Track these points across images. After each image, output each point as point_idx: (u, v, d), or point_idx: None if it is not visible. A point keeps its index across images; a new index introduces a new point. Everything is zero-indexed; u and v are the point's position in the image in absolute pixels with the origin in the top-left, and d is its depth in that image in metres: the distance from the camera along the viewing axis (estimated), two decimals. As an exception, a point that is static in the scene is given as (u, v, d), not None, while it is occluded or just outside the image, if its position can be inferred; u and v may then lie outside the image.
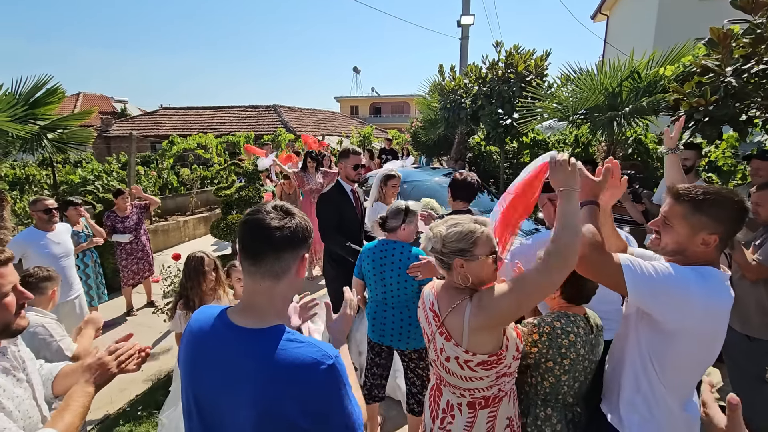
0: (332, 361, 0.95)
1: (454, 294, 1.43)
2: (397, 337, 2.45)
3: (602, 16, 16.48)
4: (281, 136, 13.87)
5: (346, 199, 3.22)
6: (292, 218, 1.02)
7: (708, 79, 3.19)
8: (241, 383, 0.95)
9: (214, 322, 1.05)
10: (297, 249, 1.02)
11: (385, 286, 2.46)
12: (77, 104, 23.18)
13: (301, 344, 0.97)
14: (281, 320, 1.04)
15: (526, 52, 6.66)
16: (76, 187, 7.03)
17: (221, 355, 1.00)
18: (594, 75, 4.43)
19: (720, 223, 1.28)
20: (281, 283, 1.02)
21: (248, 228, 1.00)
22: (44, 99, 5.04)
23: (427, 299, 1.53)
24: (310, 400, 0.93)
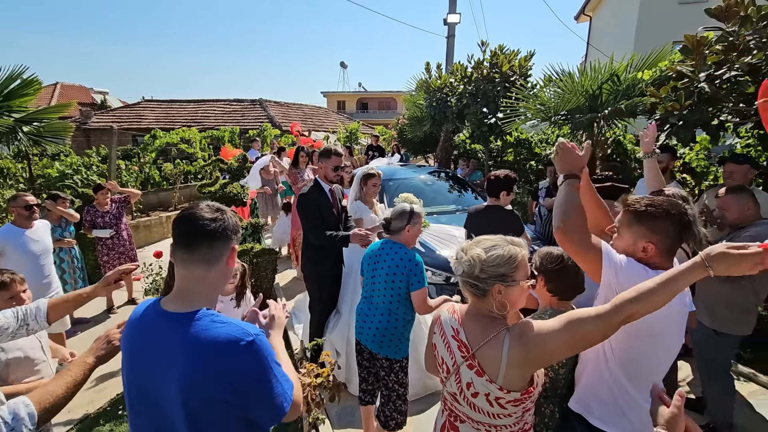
0: (252, 338, 1.03)
1: (488, 324, 1.30)
2: (371, 338, 2.40)
3: (585, 17, 16.72)
4: (267, 131, 13.73)
5: (324, 198, 3.20)
6: (223, 213, 1.14)
7: (682, 84, 3.30)
8: (169, 364, 1.03)
9: (147, 311, 1.14)
10: (228, 240, 1.13)
11: (375, 284, 2.43)
12: (54, 95, 22.44)
13: (223, 324, 1.05)
14: (209, 305, 1.12)
15: (511, 53, 6.75)
16: (54, 181, 6.85)
17: (153, 342, 1.08)
18: (575, 77, 4.53)
19: (655, 234, 1.40)
20: (213, 270, 1.11)
21: (184, 220, 1.10)
22: (19, 91, 4.91)
23: (447, 326, 1.39)
24: (231, 375, 1.00)
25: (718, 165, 4.09)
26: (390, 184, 5.46)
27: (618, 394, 1.46)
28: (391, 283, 2.34)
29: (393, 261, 2.35)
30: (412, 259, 2.32)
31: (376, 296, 2.43)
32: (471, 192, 5.92)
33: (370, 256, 2.48)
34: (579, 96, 4.45)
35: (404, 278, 2.31)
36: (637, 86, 4.09)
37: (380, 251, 2.43)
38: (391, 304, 2.37)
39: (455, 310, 1.43)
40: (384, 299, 2.39)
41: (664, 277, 1.12)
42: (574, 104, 4.50)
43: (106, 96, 27.55)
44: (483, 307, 1.35)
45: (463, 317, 1.38)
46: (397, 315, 2.37)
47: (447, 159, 8.91)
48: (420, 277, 2.30)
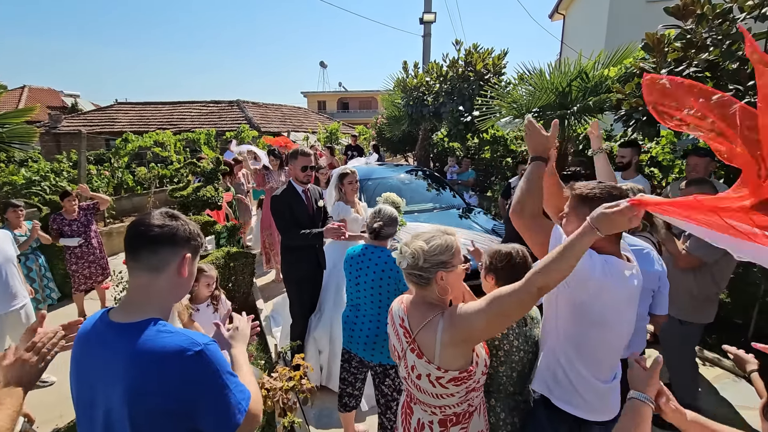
0: (200, 348, 1.00)
1: (426, 310, 1.40)
2: (362, 346, 2.36)
3: (559, 16, 17.01)
4: (244, 133, 13.53)
5: (297, 199, 3.18)
6: (173, 220, 1.11)
7: (645, 80, 3.40)
8: (115, 376, 1.00)
9: (95, 322, 1.11)
10: (176, 247, 1.09)
11: (360, 292, 2.37)
12: (22, 98, 21.62)
13: (170, 334, 1.02)
14: (159, 315, 1.08)
15: (485, 51, 6.84)
16: (20, 188, 6.60)
17: (98, 353, 1.05)
18: (545, 74, 4.61)
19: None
20: (160, 278, 1.08)
21: (131, 227, 1.09)
22: (-21, 95, 4.71)
23: (396, 315, 1.50)
24: (178, 385, 0.98)
25: (681, 158, 4.23)
26: (369, 184, 5.47)
27: (570, 373, 1.51)
28: (378, 288, 2.29)
29: (378, 266, 2.29)
30: None
31: (363, 303, 2.37)
32: (449, 191, 5.97)
33: (352, 263, 2.41)
34: (549, 93, 4.54)
35: (392, 282, 2.27)
36: (604, 83, 4.19)
37: (362, 257, 2.37)
38: (380, 309, 2.32)
39: (403, 300, 1.53)
40: (372, 305, 2.33)
41: (562, 245, 1.19)
42: (545, 101, 4.58)
43: (77, 99, 26.68)
44: (426, 295, 1.44)
45: (408, 306, 1.47)
46: (386, 320, 2.31)
47: (426, 157, 8.97)
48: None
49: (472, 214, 5.28)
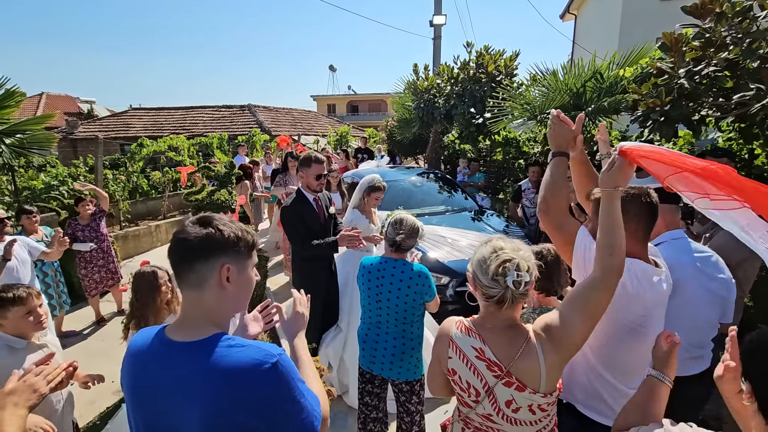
0: (275, 359, 0.96)
1: (513, 335, 1.24)
2: (388, 365, 2.23)
3: (570, 16, 16.88)
4: (256, 137, 13.67)
5: (308, 208, 3.04)
6: (204, 228, 1.02)
7: (663, 80, 3.34)
8: (187, 397, 0.95)
9: (151, 342, 1.05)
10: (210, 258, 1.01)
11: (381, 309, 2.24)
12: (40, 105, 22.18)
13: (242, 348, 0.97)
14: (220, 329, 1.04)
15: (496, 53, 6.80)
16: (39, 193, 6.75)
17: (163, 374, 0.99)
18: (559, 75, 4.57)
19: None
20: (204, 294, 1.02)
21: (173, 243, 1.03)
22: (1, 102, 4.83)
23: (467, 346, 1.27)
24: (257, 402, 0.94)
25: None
26: (379, 187, 5.47)
27: (596, 381, 1.48)
28: (404, 304, 2.18)
29: (402, 282, 2.17)
30: (422, 274, 2.18)
31: (385, 320, 2.24)
32: (461, 193, 5.94)
33: (370, 276, 2.27)
34: (563, 94, 4.49)
35: (417, 296, 2.17)
36: (620, 83, 4.14)
37: (382, 271, 2.23)
38: (404, 325, 2.21)
39: (465, 325, 1.32)
40: (396, 322, 2.21)
41: (602, 223, 1.25)
42: (559, 102, 4.53)
43: (93, 105, 27.29)
44: (510, 317, 1.27)
45: (484, 334, 1.26)
46: (411, 335, 2.23)
47: (437, 160, 8.95)
48: (433, 286, 2.21)
49: (484, 216, 5.24)
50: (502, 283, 1.21)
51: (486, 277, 1.24)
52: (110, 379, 3.72)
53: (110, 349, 4.24)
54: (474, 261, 1.30)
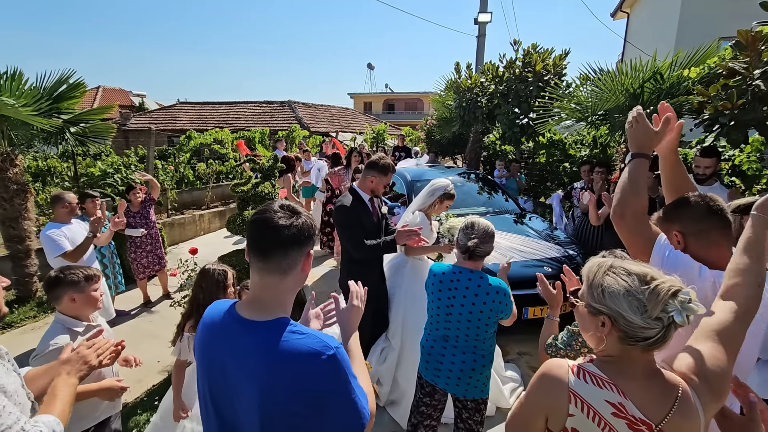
0: (333, 352, 0.98)
1: (661, 383, 0.98)
2: (454, 381, 2.09)
3: (623, 14, 16.12)
4: (295, 132, 13.95)
5: (364, 208, 2.94)
6: (298, 217, 1.06)
7: (735, 81, 3.11)
8: (247, 373, 0.99)
9: (223, 316, 1.10)
10: (303, 246, 1.06)
11: (450, 322, 2.08)
12: (97, 98, 23.60)
13: (302, 335, 1.00)
14: (285, 313, 1.08)
15: (545, 51, 6.58)
16: (96, 179, 7.18)
17: (230, 349, 1.04)
18: (615, 75, 4.35)
19: (677, 221, 1.43)
20: (287, 278, 1.06)
21: (257, 226, 1.04)
22: (67, 93, 5.15)
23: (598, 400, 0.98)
24: (312, 390, 0.96)
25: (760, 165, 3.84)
26: (418, 186, 5.43)
27: None
28: (477, 321, 2.02)
29: (478, 297, 2.00)
30: (500, 290, 2.00)
31: (454, 334, 2.09)
32: (501, 194, 5.80)
33: (441, 286, 2.11)
34: (618, 95, 4.27)
35: (492, 313, 2.01)
36: (682, 84, 3.89)
37: (455, 282, 2.07)
38: (476, 341, 2.06)
39: (589, 372, 1.01)
40: (467, 338, 2.06)
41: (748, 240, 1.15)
42: (613, 103, 4.32)
43: (144, 99, 28.75)
44: (644, 360, 1.01)
45: (619, 383, 0.98)
46: (482, 352, 2.09)
47: (476, 160, 8.78)
48: (510, 301, 2.04)
49: (526, 218, 5.09)
50: (665, 320, 0.94)
51: (642, 315, 0.95)
52: (155, 359, 3.92)
53: (157, 330, 4.45)
54: (610, 295, 1.00)
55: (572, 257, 4.11)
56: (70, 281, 1.91)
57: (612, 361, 1.02)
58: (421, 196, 3.31)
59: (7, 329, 4.50)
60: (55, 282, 1.92)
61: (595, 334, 1.04)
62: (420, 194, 3.34)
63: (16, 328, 4.55)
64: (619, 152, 5.18)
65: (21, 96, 4.44)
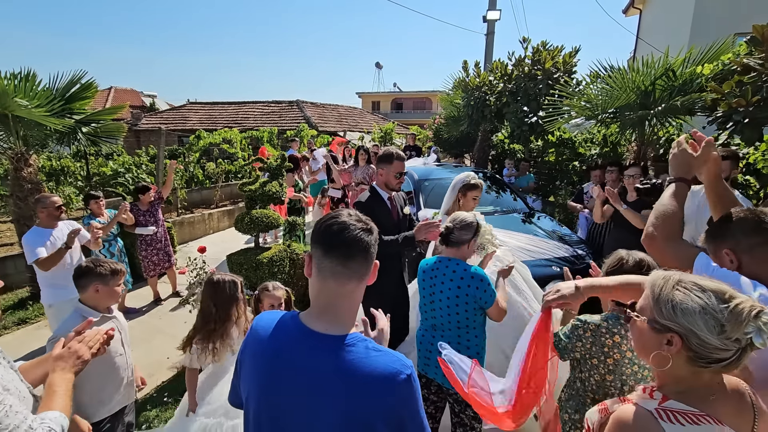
0: (410, 371, 0.96)
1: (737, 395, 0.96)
2: (441, 371, 2.12)
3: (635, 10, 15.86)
4: (304, 131, 14.00)
5: (383, 207, 2.86)
6: (372, 225, 1.06)
7: (749, 78, 3.05)
8: (322, 393, 0.94)
9: (287, 327, 1.04)
10: (375, 254, 1.06)
11: (435, 311, 2.15)
12: (109, 98, 23.94)
13: (379, 353, 0.97)
14: (353, 325, 1.05)
15: (554, 49, 6.51)
16: (108, 179, 7.29)
17: (301, 363, 0.98)
18: (626, 73, 4.29)
19: (726, 239, 1.34)
20: (362, 285, 1.04)
21: (340, 230, 1.00)
22: (79, 94, 5.23)
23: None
24: (391, 410, 0.93)
25: None
26: (426, 184, 5.41)
27: None
28: (455, 306, 2.06)
29: (453, 282, 2.06)
30: (476, 276, 2.04)
31: (440, 323, 2.15)
32: (510, 193, 5.75)
33: (425, 276, 2.19)
34: (629, 92, 4.21)
35: (470, 299, 2.03)
36: (695, 81, 3.82)
37: (436, 270, 2.14)
38: (459, 330, 2.09)
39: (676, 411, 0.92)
40: (450, 326, 2.11)
41: None
42: (624, 101, 4.26)
43: (154, 99, 29.12)
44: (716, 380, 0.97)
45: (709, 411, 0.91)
46: (468, 343, 2.10)
47: (484, 159, 8.72)
48: (490, 290, 2.04)
49: (535, 218, 5.04)
50: (743, 342, 0.87)
51: (719, 336, 0.88)
52: (165, 356, 3.96)
53: (166, 327, 4.50)
54: (683, 312, 0.92)
55: (581, 257, 4.06)
56: (98, 273, 2.03)
57: (690, 390, 0.94)
58: (445, 197, 3.23)
59: (23, 325, 4.59)
60: (85, 272, 2.04)
61: (660, 353, 0.94)
62: (445, 197, 3.26)
63: (31, 324, 4.63)
64: (629, 150, 5.10)
65: (34, 97, 4.52)
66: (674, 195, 1.42)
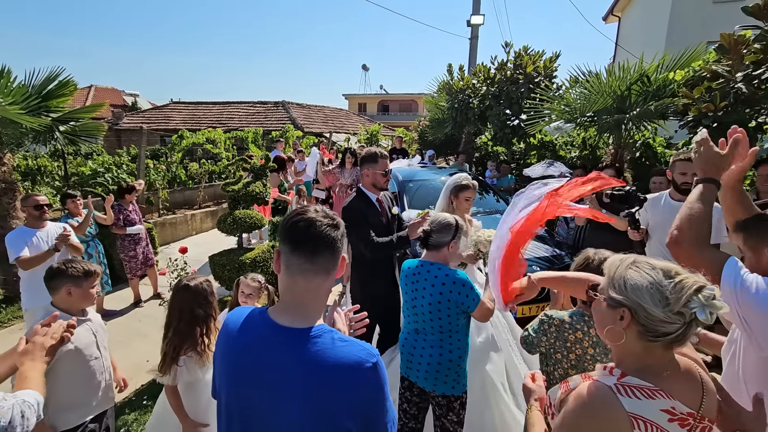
0: (375, 360, 0.97)
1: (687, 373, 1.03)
2: (423, 374, 2.10)
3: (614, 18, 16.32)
4: (289, 132, 13.92)
5: (373, 209, 2.85)
6: (339, 220, 1.07)
7: (718, 84, 3.18)
8: (289, 385, 0.96)
9: (256, 323, 1.05)
10: (342, 249, 1.07)
11: (417, 315, 2.12)
12: (89, 97, 23.39)
13: (345, 343, 0.99)
14: (320, 318, 1.06)
15: (536, 54, 6.65)
16: (87, 179, 7.13)
17: (267, 358, 1.00)
18: (603, 77, 4.42)
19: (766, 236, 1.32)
20: (330, 279, 1.06)
21: (306, 226, 1.01)
22: (57, 91, 5.11)
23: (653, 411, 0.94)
24: (356, 399, 0.95)
25: (753, 168, 3.91)
26: (410, 186, 5.45)
27: None
28: (437, 312, 2.03)
29: (435, 287, 2.01)
30: (457, 281, 1.99)
31: (422, 327, 2.13)
32: (493, 195, 5.84)
33: (406, 280, 2.17)
34: (606, 97, 4.34)
35: (452, 304, 1.99)
36: (668, 87, 3.96)
37: (418, 275, 2.11)
38: (441, 334, 2.06)
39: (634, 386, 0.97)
40: (433, 330, 2.08)
41: None
42: (601, 105, 4.39)
43: (136, 98, 28.55)
44: (668, 358, 1.03)
45: (663, 386, 0.97)
46: (450, 347, 2.06)
47: (468, 161, 8.83)
48: (472, 294, 2.00)
49: (517, 220, 5.13)
50: (687, 317, 0.93)
51: (663, 308, 0.94)
52: (145, 359, 3.90)
53: (146, 329, 4.43)
54: (632, 288, 0.99)
55: (560, 256, 4.16)
56: (70, 275, 1.96)
57: (646, 367, 0.99)
58: (438, 200, 3.21)
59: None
60: (56, 273, 1.97)
61: (614, 328, 1.01)
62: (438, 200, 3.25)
63: (4, 328, 4.50)
64: (607, 153, 5.24)
65: (9, 94, 4.40)
66: (701, 197, 1.32)
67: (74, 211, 4.38)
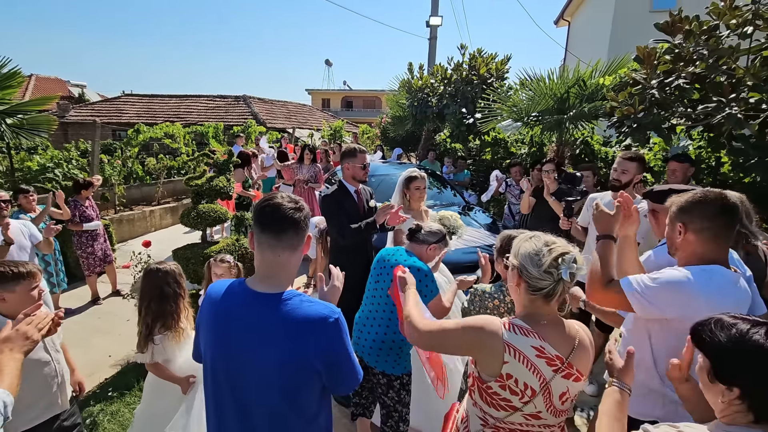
0: (337, 316, 1.21)
1: (561, 327, 1.30)
2: (366, 350, 2.26)
3: (564, 22, 17.22)
4: (251, 128, 13.74)
5: (350, 199, 3.07)
6: (302, 204, 1.27)
7: (636, 90, 3.62)
8: (267, 340, 1.17)
9: (235, 291, 1.27)
10: (306, 228, 1.27)
11: (375, 297, 2.29)
12: (29, 87, 21.81)
13: (311, 303, 1.21)
14: (290, 286, 1.27)
15: (489, 56, 7.06)
16: (35, 174, 6.81)
17: (247, 318, 1.21)
18: (545, 81, 4.83)
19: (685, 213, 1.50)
20: (296, 254, 1.26)
21: (272, 209, 1.21)
22: (2, 83, 4.92)
23: (526, 347, 1.23)
24: (323, 347, 1.17)
25: (663, 164, 4.44)
26: (372, 180, 5.69)
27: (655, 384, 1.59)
28: (388, 297, 2.17)
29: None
30: (421, 270, 2.13)
31: (376, 307, 2.27)
32: (450, 189, 6.19)
33: (379, 262, 2.32)
34: (548, 99, 4.76)
35: None
36: (600, 91, 4.41)
37: (391, 257, 2.26)
38: (392, 314, 2.18)
39: (516, 325, 1.27)
40: (385, 308, 2.22)
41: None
42: (544, 106, 4.80)
43: (84, 89, 26.87)
44: (550, 311, 1.31)
45: (538, 330, 1.26)
46: (396, 328, 2.17)
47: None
48: (432, 286, 2.15)
49: (471, 212, 5.50)
50: (555, 275, 1.23)
51: (538, 269, 1.24)
52: (107, 354, 3.90)
53: (106, 326, 4.40)
54: (521, 254, 1.30)
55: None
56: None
57: (529, 315, 1.30)
58: (394, 196, 3.42)
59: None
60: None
61: (512, 285, 1.36)
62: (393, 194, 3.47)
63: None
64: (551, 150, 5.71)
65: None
66: (602, 251, 1.59)
67: (27, 206, 4.26)
